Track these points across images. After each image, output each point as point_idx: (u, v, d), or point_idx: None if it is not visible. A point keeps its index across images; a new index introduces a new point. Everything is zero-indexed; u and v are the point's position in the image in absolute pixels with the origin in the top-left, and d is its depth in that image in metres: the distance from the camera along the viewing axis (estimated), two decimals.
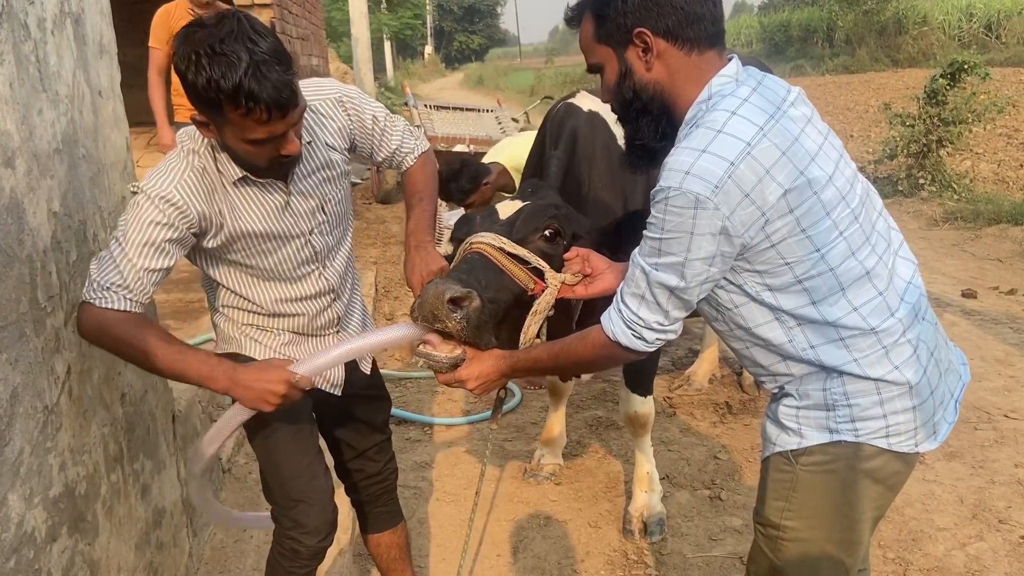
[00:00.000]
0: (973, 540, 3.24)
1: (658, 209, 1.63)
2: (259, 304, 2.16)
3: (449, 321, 1.95)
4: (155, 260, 1.89)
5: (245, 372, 1.95)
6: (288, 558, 2.26)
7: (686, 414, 4.44)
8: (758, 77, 1.73)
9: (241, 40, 1.72)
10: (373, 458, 2.51)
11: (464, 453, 4.11)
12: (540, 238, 2.25)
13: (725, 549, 3.26)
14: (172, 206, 1.89)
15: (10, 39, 1.72)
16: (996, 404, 4.35)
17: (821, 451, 1.76)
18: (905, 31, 23.13)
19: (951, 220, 8.27)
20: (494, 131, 7.72)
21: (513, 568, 3.20)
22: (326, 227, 2.16)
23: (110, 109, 2.36)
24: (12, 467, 1.66)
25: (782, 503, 1.82)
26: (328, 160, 2.13)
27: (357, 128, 2.19)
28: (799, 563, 1.84)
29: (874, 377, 1.70)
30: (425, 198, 2.31)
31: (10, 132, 1.69)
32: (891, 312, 1.71)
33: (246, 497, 3.50)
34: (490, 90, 29.94)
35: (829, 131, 1.79)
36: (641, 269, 1.70)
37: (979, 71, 9.13)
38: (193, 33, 1.75)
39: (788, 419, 1.79)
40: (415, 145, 2.33)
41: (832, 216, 1.65)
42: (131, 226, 1.88)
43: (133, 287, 1.87)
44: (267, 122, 1.79)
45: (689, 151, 1.60)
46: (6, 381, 1.64)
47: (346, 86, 2.20)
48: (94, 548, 2.06)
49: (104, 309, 1.86)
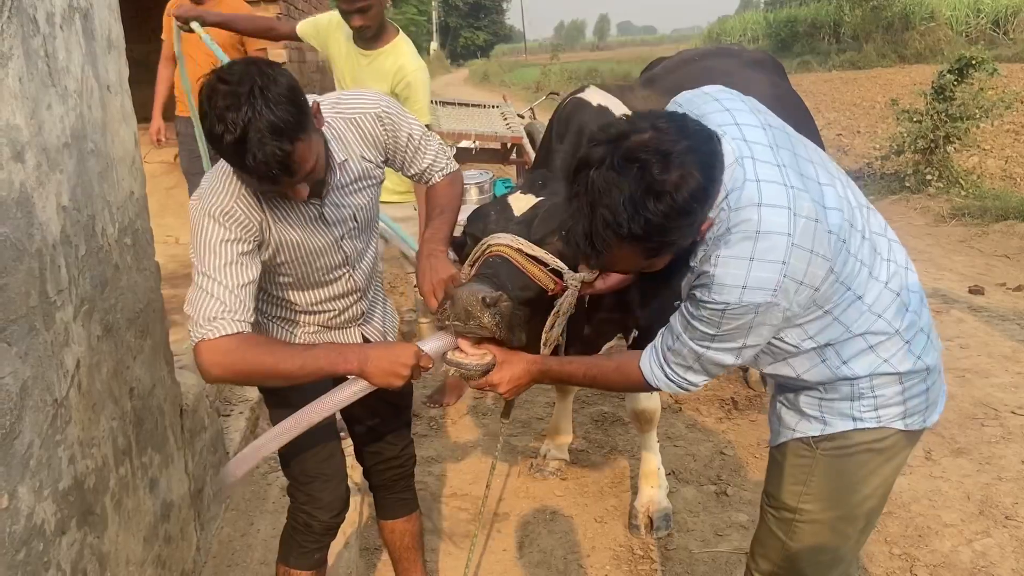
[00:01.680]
0: (979, 536, 3.24)
1: (712, 316, 1.65)
2: (293, 303, 2.24)
3: (484, 318, 1.96)
4: (242, 275, 1.95)
5: (375, 351, 2.02)
6: (302, 532, 2.34)
7: (692, 410, 4.44)
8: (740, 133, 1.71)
9: (247, 107, 1.75)
10: (391, 442, 2.55)
11: (471, 448, 4.11)
12: (558, 239, 2.25)
13: (731, 545, 3.26)
14: (235, 221, 1.95)
15: (19, 34, 1.72)
16: (1003, 400, 4.34)
17: (842, 437, 1.82)
18: (912, 27, 23.03)
19: (958, 216, 8.24)
20: (500, 127, 7.70)
21: (519, 562, 3.20)
22: (355, 232, 2.23)
23: (118, 104, 2.36)
24: (22, 460, 1.67)
25: (800, 487, 1.87)
26: (363, 172, 2.19)
27: (392, 143, 2.24)
28: (811, 542, 1.90)
29: (903, 371, 1.77)
30: (447, 211, 2.35)
31: (19, 127, 1.70)
32: (907, 308, 1.78)
33: (253, 491, 3.51)
34: (495, 86, 29.93)
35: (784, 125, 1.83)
36: (691, 351, 1.75)
37: (987, 67, 9.09)
38: (214, 84, 1.79)
39: (810, 408, 1.84)
40: (446, 164, 2.38)
41: (850, 248, 1.71)
42: (206, 253, 1.94)
43: (235, 308, 1.92)
44: (260, 185, 1.89)
45: (737, 262, 1.60)
46: (16, 374, 1.65)
47: (388, 100, 2.25)
48: (103, 541, 2.07)
49: (219, 339, 1.90)
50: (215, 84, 1.78)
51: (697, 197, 1.54)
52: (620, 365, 1.99)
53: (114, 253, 2.25)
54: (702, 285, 1.65)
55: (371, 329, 2.43)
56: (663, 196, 1.50)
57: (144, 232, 2.54)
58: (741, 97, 1.85)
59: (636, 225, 1.52)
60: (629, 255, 1.63)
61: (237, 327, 1.92)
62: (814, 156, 1.81)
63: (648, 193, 1.50)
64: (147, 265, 2.55)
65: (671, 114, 1.60)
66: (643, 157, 1.50)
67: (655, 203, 1.50)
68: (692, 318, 1.70)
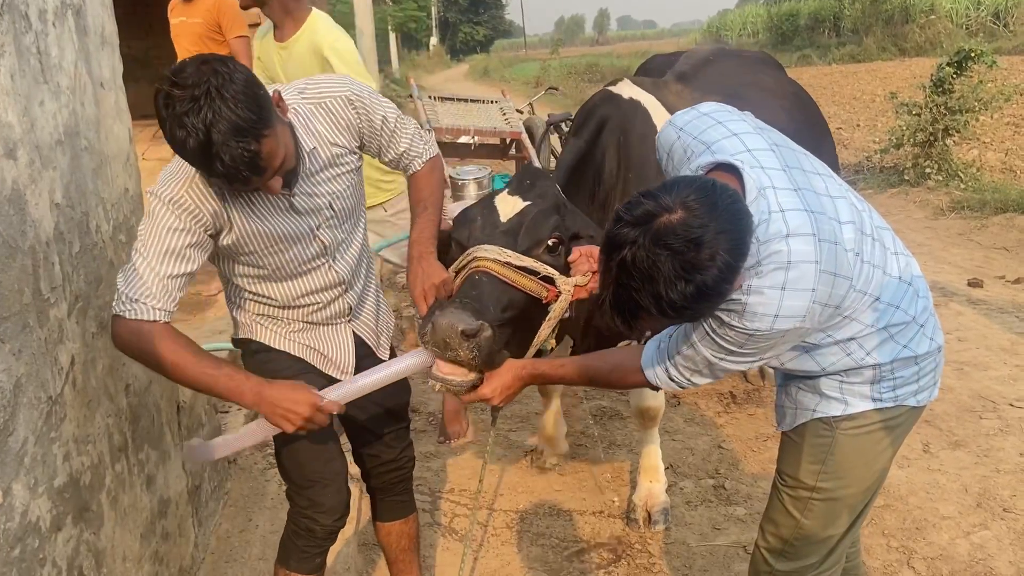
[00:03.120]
0: (977, 529, 3.24)
1: (739, 337, 1.69)
2: (271, 298, 2.21)
3: (461, 351, 1.96)
4: (177, 266, 1.94)
5: (272, 390, 2.00)
6: (303, 537, 2.31)
7: (690, 404, 4.44)
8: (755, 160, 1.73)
9: (206, 109, 1.72)
10: (390, 444, 2.53)
11: (468, 444, 4.11)
12: (544, 250, 2.23)
13: (729, 538, 3.27)
14: (185, 210, 1.93)
15: (11, 30, 1.72)
16: (1001, 393, 4.33)
17: (862, 416, 1.89)
18: (912, 20, 22.97)
19: (957, 209, 8.22)
20: (499, 122, 7.69)
21: (518, 557, 3.21)
22: (335, 222, 2.19)
23: (112, 101, 2.36)
24: (16, 457, 1.67)
25: (818, 466, 1.94)
26: (333, 158, 2.14)
27: (365, 127, 2.19)
28: (824, 518, 1.97)
29: (920, 353, 1.85)
30: (430, 206, 2.30)
31: (12, 123, 1.70)
32: (918, 294, 1.86)
33: (251, 487, 3.52)
34: (495, 81, 29.88)
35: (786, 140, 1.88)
36: (705, 360, 1.79)
37: (986, 59, 9.06)
38: (168, 93, 1.74)
39: (831, 390, 1.90)
40: (424, 150, 2.33)
41: (864, 257, 1.77)
42: (150, 235, 1.92)
43: (159, 296, 1.91)
44: (230, 186, 1.89)
45: (771, 291, 1.64)
46: (9, 371, 1.65)
47: (358, 84, 2.21)
48: (99, 538, 2.07)
49: (134, 320, 1.90)
50: (169, 90, 1.74)
51: (727, 278, 1.56)
52: (617, 366, 2.02)
53: (108, 250, 2.25)
54: (731, 311, 1.67)
55: (361, 325, 2.38)
56: (692, 282, 1.52)
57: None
58: (740, 115, 1.88)
59: (667, 306, 1.55)
60: (662, 323, 1.75)
61: (155, 315, 1.91)
62: (819, 168, 1.86)
63: (678, 279, 1.52)
64: None
65: (701, 188, 1.56)
66: (673, 244, 1.51)
67: (685, 286, 1.52)
68: (714, 334, 1.73)
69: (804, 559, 2.02)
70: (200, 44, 5.42)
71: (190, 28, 5.45)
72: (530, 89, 20.70)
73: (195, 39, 5.43)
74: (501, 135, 7.48)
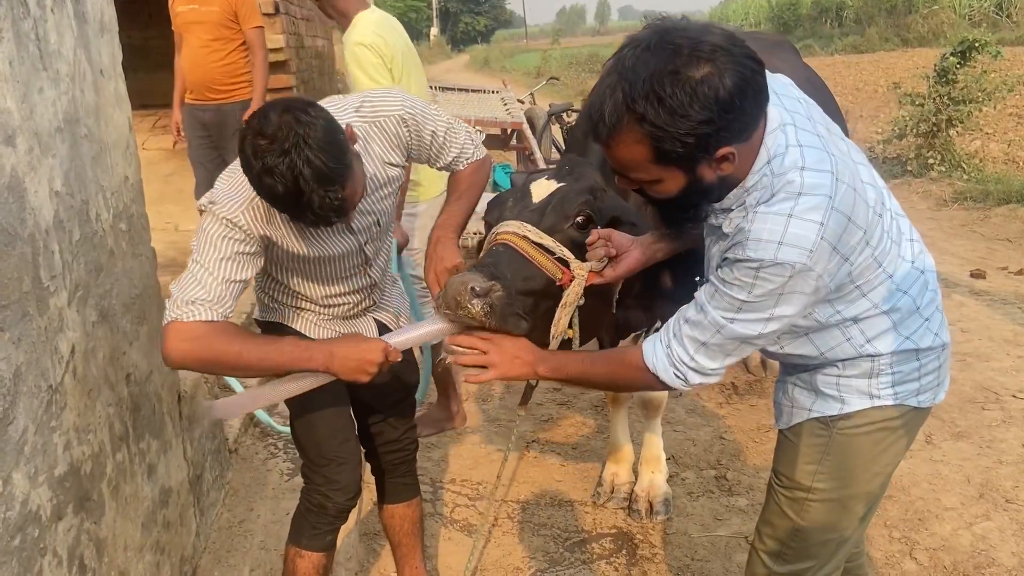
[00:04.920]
0: (979, 520, 3.24)
1: (745, 275, 1.60)
2: (304, 295, 2.25)
3: (473, 308, 1.93)
4: (234, 272, 1.96)
5: (341, 347, 2.02)
6: (315, 514, 2.35)
7: (692, 395, 4.44)
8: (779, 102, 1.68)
9: (295, 159, 1.74)
10: (393, 424, 2.55)
11: (470, 433, 4.11)
12: (571, 226, 2.18)
13: (730, 529, 3.26)
14: (239, 229, 1.96)
15: (9, 16, 1.70)
16: (1004, 384, 4.33)
17: (859, 416, 1.82)
18: (915, 10, 22.85)
19: (960, 200, 8.21)
20: (499, 112, 7.68)
21: (519, 547, 3.21)
22: (377, 234, 2.26)
23: (112, 88, 2.35)
24: (16, 446, 1.66)
25: (814, 466, 1.87)
26: (387, 178, 2.20)
27: (415, 143, 2.24)
28: (822, 521, 1.90)
29: (922, 347, 1.78)
30: (464, 196, 2.35)
31: (10, 110, 1.69)
32: (927, 286, 1.79)
33: (252, 477, 3.52)
34: (496, 72, 29.81)
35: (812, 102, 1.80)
36: (714, 321, 1.68)
37: (990, 50, 9.03)
38: (254, 141, 1.76)
39: (828, 387, 1.83)
40: (472, 153, 2.37)
41: (884, 226, 1.70)
42: (204, 245, 1.95)
43: (216, 299, 1.93)
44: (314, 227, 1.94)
45: (775, 217, 1.56)
46: (9, 360, 1.64)
47: (411, 99, 2.23)
48: (100, 527, 2.07)
49: (191, 323, 1.90)
50: (255, 141, 1.76)
51: (718, 101, 1.46)
52: (620, 352, 1.98)
53: (109, 239, 2.24)
54: (736, 244, 1.60)
55: (384, 314, 2.44)
56: (683, 83, 1.45)
57: (139, 218, 2.53)
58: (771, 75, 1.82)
59: (649, 105, 1.47)
60: (636, 149, 1.55)
61: (213, 315, 1.91)
62: (843, 136, 1.81)
63: (670, 74, 1.45)
64: (143, 251, 2.54)
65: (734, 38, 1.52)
66: (678, 42, 1.47)
67: (672, 87, 1.45)
68: (722, 283, 1.65)
69: (802, 562, 1.95)
70: (215, 32, 5.39)
71: (204, 16, 5.39)
72: (531, 79, 20.64)
73: (210, 27, 5.39)
74: (502, 125, 7.47)
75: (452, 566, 3.08)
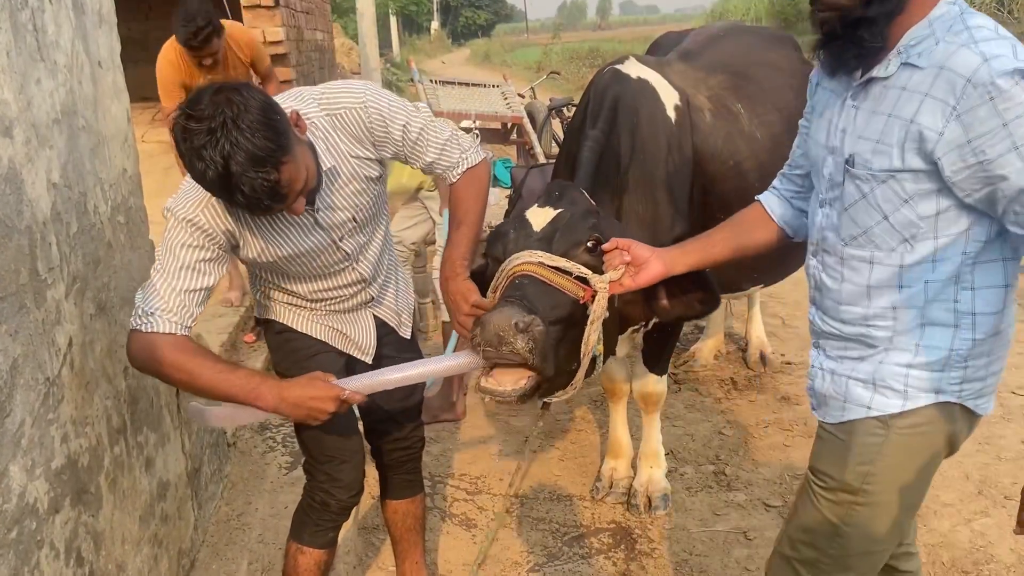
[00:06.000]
0: (978, 516, 3.23)
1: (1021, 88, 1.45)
2: (296, 293, 2.23)
3: (517, 343, 1.89)
4: (193, 280, 1.93)
5: (291, 390, 1.97)
6: (318, 511, 2.34)
7: (691, 390, 4.43)
8: None
9: (223, 141, 1.69)
10: (400, 422, 2.54)
11: (471, 429, 4.11)
12: (584, 251, 2.18)
13: (729, 524, 3.26)
14: (198, 229, 1.93)
15: (7, 6, 1.70)
16: (1004, 380, 4.29)
17: (919, 413, 1.71)
18: None
19: None
20: (500, 107, 7.66)
21: (518, 541, 3.21)
22: (355, 229, 2.19)
23: (110, 80, 2.34)
24: (13, 438, 1.66)
25: (866, 467, 1.75)
26: (355, 171, 2.12)
27: (381, 136, 2.12)
28: (865, 528, 1.78)
29: (1003, 329, 1.70)
30: (464, 223, 2.23)
31: (8, 101, 1.68)
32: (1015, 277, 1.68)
33: (251, 470, 3.51)
34: (496, 66, 29.74)
35: None
36: None
37: None
38: (184, 123, 1.72)
39: (895, 379, 1.71)
40: (459, 159, 2.23)
41: None
42: (165, 252, 1.93)
43: (176, 310, 1.91)
44: (253, 212, 1.88)
45: (997, 42, 1.49)
46: (6, 352, 1.64)
47: (375, 92, 2.13)
48: (98, 520, 2.07)
49: (149, 334, 1.88)
50: (185, 123, 1.72)
51: None
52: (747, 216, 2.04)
53: (107, 231, 2.23)
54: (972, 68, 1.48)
55: (383, 309, 2.41)
56: None
57: (138, 210, 2.52)
58: None
59: None
60: None
61: (171, 327, 1.89)
62: None
63: None
64: (141, 244, 2.54)
65: None
66: None
67: None
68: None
69: (839, 575, 1.83)
70: None
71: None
72: (531, 74, 20.63)
73: None
74: (503, 119, 7.45)
75: (451, 560, 3.08)
